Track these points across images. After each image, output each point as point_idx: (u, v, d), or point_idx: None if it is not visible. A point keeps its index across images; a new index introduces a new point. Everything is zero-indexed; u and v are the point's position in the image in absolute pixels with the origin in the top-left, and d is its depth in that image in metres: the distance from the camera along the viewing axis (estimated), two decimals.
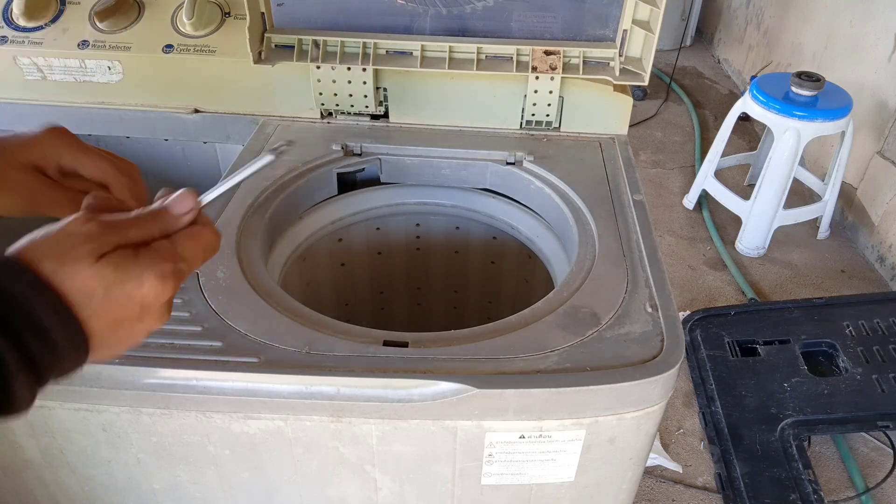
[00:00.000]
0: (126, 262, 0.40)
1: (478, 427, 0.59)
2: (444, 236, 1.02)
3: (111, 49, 0.95)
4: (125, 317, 0.41)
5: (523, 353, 0.60)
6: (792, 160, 2.03)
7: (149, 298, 0.41)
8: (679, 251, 2.25)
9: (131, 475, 0.66)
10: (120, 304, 0.40)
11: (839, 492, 1.48)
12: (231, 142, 1.01)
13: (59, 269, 0.38)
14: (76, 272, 0.39)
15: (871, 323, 1.73)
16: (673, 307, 0.65)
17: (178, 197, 0.45)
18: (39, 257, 0.38)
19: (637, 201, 0.82)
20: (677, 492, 1.48)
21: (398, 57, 0.91)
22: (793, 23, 2.89)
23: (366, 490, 0.65)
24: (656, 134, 2.99)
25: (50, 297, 0.38)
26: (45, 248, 0.39)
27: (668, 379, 0.59)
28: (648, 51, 0.88)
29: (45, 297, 0.38)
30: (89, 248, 0.40)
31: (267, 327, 0.62)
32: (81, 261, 0.39)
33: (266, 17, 0.90)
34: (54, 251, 0.39)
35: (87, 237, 0.40)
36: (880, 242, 2.16)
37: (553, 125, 0.97)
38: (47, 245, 0.39)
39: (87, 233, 0.40)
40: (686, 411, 1.67)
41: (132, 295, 0.40)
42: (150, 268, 0.41)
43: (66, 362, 0.39)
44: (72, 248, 0.39)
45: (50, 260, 0.38)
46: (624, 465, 0.65)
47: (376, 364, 0.58)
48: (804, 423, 1.52)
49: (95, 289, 0.39)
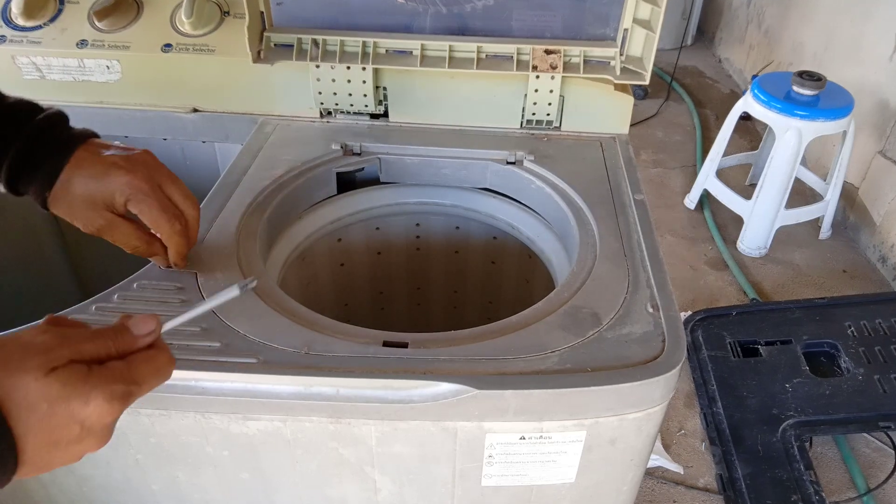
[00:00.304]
0: (75, 379, 0.39)
1: (478, 428, 0.59)
2: (444, 236, 1.01)
3: (110, 48, 0.95)
4: (64, 437, 0.39)
5: (524, 353, 0.59)
6: (793, 160, 2.02)
7: (92, 419, 0.40)
8: (680, 251, 2.24)
9: (130, 476, 0.66)
10: (61, 422, 0.39)
11: (841, 493, 1.48)
12: (230, 141, 1.01)
13: (5, 380, 0.37)
14: (21, 385, 0.37)
15: (872, 323, 1.72)
16: (674, 307, 0.65)
17: (141, 319, 0.44)
18: None
19: (638, 201, 0.81)
20: (678, 493, 1.48)
21: (398, 56, 0.91)
22: (794, 22, 2.89)
23: (365, 491, 0.65)
24: (657, 133, 2.98)
25: None
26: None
27: (670, 380, 0.58)
28: (649, 50, 0.88)
29: None
30: (40, 360, 0.38)
31: (266, 328, 0.61)
32: (29, 373, 0.38)
33: (265, 16, 0.90)
34: (3, 361, 0.38)
35: (39, 349, 0.39)
36: (882, 242, 2.16)
37: (553, 124, 0.96)
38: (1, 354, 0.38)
39: (41, 344, 0.39)
40: (687, 412, 1.66)
41: (75, 413, 0.39)
42: (100, 387, 0.40)
43: None
44: (22, 358, 0.38)
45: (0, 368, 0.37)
46: (625, 466, 0.65)
47: (376, 365, 0.58)
48: (806, 423, 1.51)
49: (38, 403, 0.38)
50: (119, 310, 0.63)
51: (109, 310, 0.63)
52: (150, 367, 0.43)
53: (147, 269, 0.68)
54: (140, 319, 0.45)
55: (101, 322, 0.61)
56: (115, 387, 0.40)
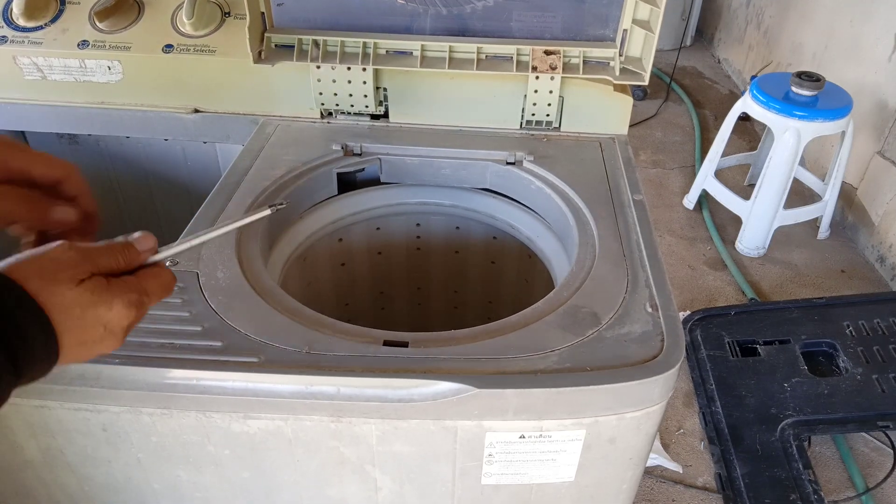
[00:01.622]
0: (100, 289, 0.46)
1: (478, 427, 0.59)
2: (444, 236, 1.02)
3: (111, 49, 0.95)
4: (90, 337, 0.46)
5: (523, 352, 0.60)
6: (792, 160, 2.03)
7: (113, 322, 0.47)
8: (679, 251, 2.25)
9: (131, 475, 0.66)
10: (90, 323, 0.46)
11: (839, 492, 1.48)
12: (231, 142, 1.01)
13: (45, 289, 0.44)
14: (59, 293, 0.44)
15: (871, 323, 1.73)
16: (673, 307, 0.65)
17: (142, 237, 0.52)
18: (26, 276, 0.44)
19: (637, 201, 0.82)
20: (677, 492, 1.48)
21: (398, 57, 0.91)
22: (793, 23, 2.89)
23: (366, 490, 0.65)
24: (656, 134, 2.99)
25: (35, 312, 0.43)
26: (32, 269, 0.44)
27: (669, 379, 0.59)
28: (648, 51, 0.88)
29: (30, 312, 0.43)
30: (71, 273, 0.45)
31: (267, 327, 0.62)
32: (63, 283, 0.45)
33: (266, 17, 0.90)
34: (40, 273, 0.44)
35: (69, 263, 0.46)
36: (880, 242, 2.16)
37: (553, 125, 0.96)
38: (34, 267, 0.45)
39: (69, 259, 0.46)
40: (686, 411, 1.67)
41: (101, 316, 0.46)
42: (120, 295, 0.47)
43: (38, 369, 0.44)
44: (56, 271, 0.45)
45: (36, 279, 0.44)
46: (624, 465, 0.65)
47: (376, 364, 0.58)
48: (804, 423, 1.52)
49: (72, 308, 0.45)
50: None
51: None
52: (157, 281, 0.51)
53: None
54: (141, 237, 0.52)
55: None
56: (131, 295, 0.48)
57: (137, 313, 0.49)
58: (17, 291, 0.43)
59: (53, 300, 0.44)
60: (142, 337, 0.60)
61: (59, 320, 0.44)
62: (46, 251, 0.46)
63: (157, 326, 0.61)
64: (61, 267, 0.46)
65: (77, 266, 0.46)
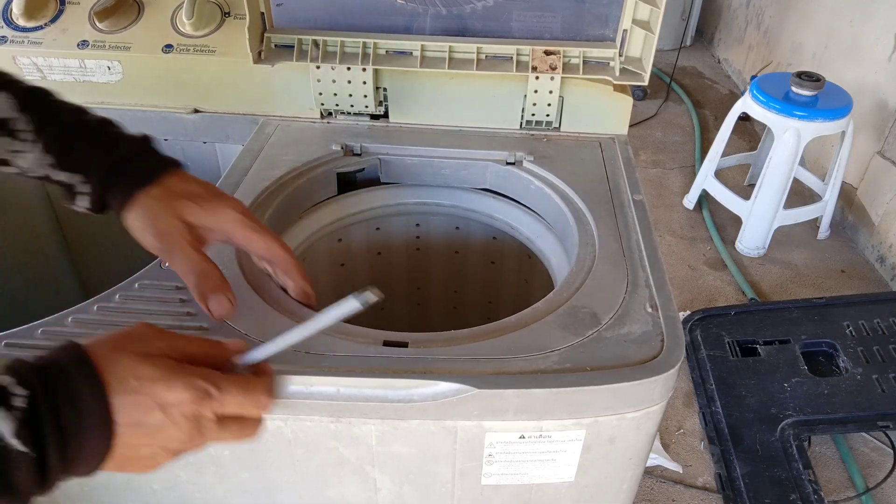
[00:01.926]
0: (164, 366, 0.43)
1: (478, 427, 0.59)
2: (443, 236, 1.02)
3: (111, 49, 0.95)
4: (146, 419, 0.42)
5: (523, 353, 0.60)
6: (792, 160, 2.03)
7: (172, 407, 0.43)
8: (679, 251, 2.25)
9: (130, 475, 0.66)
10: (146, 402, 0.42)
11: (839, 492, 1.48)
12: (231, 142, 1.01)
13: (106, 356, 0.42)
14: (118, 360, 0.42)
15: (871, 323, 1.73)
16: (673, 307, 0.65)
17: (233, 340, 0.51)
18: (94, 345, 0.43)
19: (637, 201, 0.82)
20: (677, 492, 1.48)
21: (398, 57, 0.91)
22: (793, 23, 2.89)
23: (366, 490, 0.65)
24: (656, 134, 2.99)
25: (90, 374, 0.41)
26: (102, 340, 0.44)
27: (669, 379, 0.59)
28: (648, 51, 0.88)
29: (85, 374, 0.41)
30: (139, 345, 0.44)
31: (266, 327, 0.62)
32: (127, 353, 0.43)
33: (266, 17, 0.90)
34: (109, 343, 0.44)
35: (139, 337, 0.45)
36: (880, 242, 2.16)
37: (553, 125, 0.97)
38: (106, 338, 0.44)
39: (140, 333, 0.45)
40: (686, 411, 1.67)
41: (157, 395, 0.42)
42: (183, 377, 0.43)
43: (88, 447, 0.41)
44: (124, 341, 0.44)
45: (103, 346, 0.43)
46: (624, 465, 0.65)
47: (376, 364, 0.58)
48: (804, 423, 1.52)
49: (128, 379, 0.42)
50: (121, 310, 0.63)
51: (111, 309, 0.63)
52: (237, 380, 0.46)
53: (148, 268, 0.69)
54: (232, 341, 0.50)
55: (104, 321, 0.62)
56: (196, 381, 0.44)
57: (203, 406, 0.44)
58: (78, 352, 0.42)
59: (111, 367, 0.42)
60: None
61: (114, 388, 0.41)
62: (127, 328, 0.46)
63: (157, 326, 0.61)
64: (131, 339, 0.45)
65: (147, 340, 0.45)
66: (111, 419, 0.41)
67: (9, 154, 0.53)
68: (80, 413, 0.40)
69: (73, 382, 0.40)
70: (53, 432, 0.39)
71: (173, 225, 0.55)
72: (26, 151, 0.53)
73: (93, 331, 0.60)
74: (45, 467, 0.39)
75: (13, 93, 0.54)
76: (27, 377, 0.39)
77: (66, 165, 0.55)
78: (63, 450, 0.39)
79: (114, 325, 0.61)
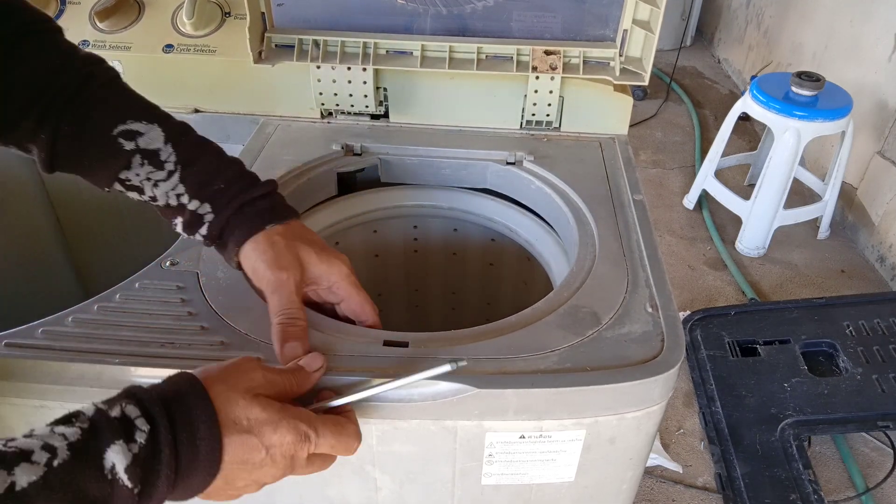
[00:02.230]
0: (271, 408, 0.47)
1: (478, 427, 0.59)
2: (442, 238, 1.02)
3: (111, 49, 0.95)
4: (251, 457, 0.46)
5: (523, 352, 0.60)
6: (792, 160, 2.03)
7: (276, 447, 0.46)
8: (679, 251, 2.25)
9: None
10: (252, 442, 0.46)
11: (839, 492, 1.48)
12: (231, 142, 1.01)
13: (223, 393, 0.45)
14: (233, 399, 0.46)
15: (871, 323, 1.73)
16: (673, 307, 0.65)
17: (310, 357, 0.54)
18: (212, 380, 0.46)
19: (637, 201, 0.82)
20: (677, 492, 1.48)
21: (398, 57, 0.91)
22: (793, 23, 2.89)
23: (366, 490, 0.65)
24: (656, 134, 2.99)
25: (209, 412, 0.44)
26: (218, 374, 0.47)
27: (669, 379, 0.59)
28: (648, 51, 0.88)
29: (206, 412, 0.44)
30: (247, 383, 0.47)
31: (267, 327, 0.62)
32: (241, 393, 0.46)
33: (266, 17, 0.90)
34: (224, 378, 0.47)
35: (251, 376, 0.48)
36: (880, 242, 2.16)
37: (553, 125, 0.97)
38: (220, 373, 0.47)
39: (246, 368, 0.48)
40: (686, 411, 1.67)
41: (265, 437, 0.46)
42: (288, 420, 0.47)
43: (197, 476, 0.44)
44: (235, 379, 0.47)
45: (220, 384, 0.46)
46: (624, 465, 0.65)
47: (376, 364, 0.58)
48: (804, 423, 1.52)
49: (241, 419, 0.45)
50: (121, 309, 0.63)
51: (111, 309, 0.63)
52: (332, 424, 0.51)
53: (149, 268, 0.69)
54: (309, 359, 0.54)
55: (104, 321, 0.62)
56: (299, 424, 0.48)
57: (301, 448, 0.48)
58: (199, 389, 0.45)
59: (227, 407, 0.45)
60: (142, 336, 0.60)
61: (227, 426, 0.45)
62: (234, 362, 0.49)
63: (157, 325, 0.61)
64: (239, 374, 0.47)
65: (252, 376, 0.48)
66: (221, 458, 0.44)
67: (146, 182, 0.57)
68: (197, 452, 0.43)
69: (195, 422, 0.43)
70: (168, 472, 0.41)
71: (292, 263, 0.59)
72: (163, 181, 0.57)
73: (93, 330, 0.60)
74: (144, 499, 0.41)
75: (164, 127, 0.58)
76: (151, 411, 0.42)
77: (199, 196, 0.58)
78: (170, 486, 0.42)
79: (114, 324, 0.61)
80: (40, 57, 0.54)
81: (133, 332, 0.61)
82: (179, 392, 0.44)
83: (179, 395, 0.44)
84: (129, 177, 0.57)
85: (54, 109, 0.54)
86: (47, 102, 0.54)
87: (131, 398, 0.43)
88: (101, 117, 0.56)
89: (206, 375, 0.46)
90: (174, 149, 0.57)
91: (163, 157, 0.57)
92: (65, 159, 0.56)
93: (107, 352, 0.58)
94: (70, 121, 0.55)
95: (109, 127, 0.56)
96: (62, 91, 0.55)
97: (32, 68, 0.54)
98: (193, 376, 0.46)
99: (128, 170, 0.56)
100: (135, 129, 0.56)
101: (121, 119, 0.56)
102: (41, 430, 0.40)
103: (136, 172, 0.57)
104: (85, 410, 0.42)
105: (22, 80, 0.53)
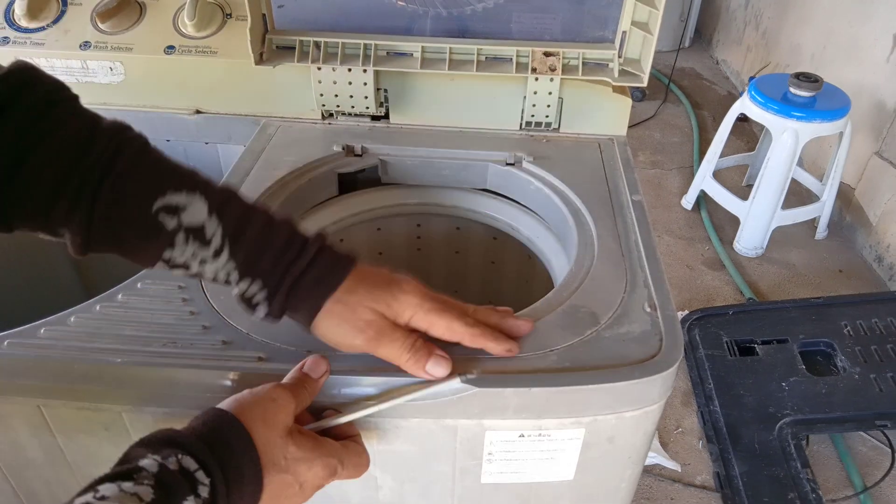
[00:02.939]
0: (307, 447, 0.49)
1: (478, 426, 0.59)
2: (444, 236, 1.02)
3: (113, 50, 0.95)
4: (284, 492, 0.48)
5: (523, 352, 0.60)
6: (790, 161, 2.03)
7: (308, 482, 0.49)
8: (677, 251, 2.25)
9: None
10: (288, 479, 0.48)
11: (837, 490, 1.49)
12: (232, 142, 1.01)
13: (263, 436, 0.46)
14: (274, 442, 0.47)
15: (868, 322, 1.73)
16: (671, 307, 0.66)
17: (312, 361, 0.55)
18: (253, 422, 0.47)
19: (636, 202, 0.82)
20: (676, 490, 1.49)
21: (398, 58, 0.91)
22: (791, 24, 2.90)
23: (367, 489, 0.66)
24: (655, 135, 2.99)
25: (255, 462, 0.46)
26: (257, 413, 0.48)
27: (667, 378, 0.59)
28: (647, 52, 0.88)
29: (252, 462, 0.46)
30: (282, 416, 0.49)
31: (268, 326, 0.62)
32: (277, 432, 0.48)
33: (267, 19, 0.90)
34: (264, 418, 0.47)
35: (284, 408, 0.49)
36: (878, 242, 2.17)
37: (552, 126, 0.97)
38: (259, 410, 0.48)
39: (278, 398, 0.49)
40: (684, 410, 1.67)
41: (300, 474, 0.48)
42: (323, 458, 0.50)
43: None
44: (273, 415, 0.48)
45: (261, 426, 0.47)
46: (623, 463, 0.66)
47: (377, 363, 0.59)
48: (802, 422, 1.52)
49: (280, 460, 0.47)
50: (123, 309, 0.64)
51: (114, 309, 0.63)
52: (354, 455, 0.54)
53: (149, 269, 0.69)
54: (312, 363, 0.55)
55: (105, 320, 0.62)
56: (331, 460, 0.50)
57: (329, 479, 0.51)
58: (242, 433, 0.46)
59: (268, 450, 0.46)
60: (144, 336, 0.60)
61: (268, 467, 0.46)
62: (268, 394, 0.49)
63: (159, 325, 0.62)
64: (280, 414, 0.49)
65: (290, 413, 0.49)
66: (260, 497, 0.46)
67: (192, 259, 0.51)
68: (242, 496, 0.45)
69: (242, 468, 0.45)
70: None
71: (366, 319, 0.56)
72: (209, 261, 0.51)
73: (96, 330, 0.61)
74: None
75: (206, 196, 0.52)
76: (207, 463, 0.43)
77: (250, 273, 0.53)
78: None
79: (116, 324, 0.61)
80: (67, 127, 0.48)
81: (135, 331, 0.61)
82: (222, 436, 0.45)
83: (223, 440, 0.45)
84: (173, 256, 0.51)
85: (88, 188, 0.48)
86: (80, 181, 0.48)
87: (178, 447, 0.43)
88: (137, 191, 0.49)
89: (241, 412, 0.46)
90: (220, 220, 0.52)
91: (209, 232, 0.51)
92: (102, 241, 0.50)
93: (109, 351, 0.58)
94: (106, 200, 0.48)
95: (149, 203, 0.49)
96: (94, 166, 0.48)
97: (62, 140, 0.48)
98: (234, 417, 0.46)
99: (171, 248, 0.51)
100: (176, 202, 0.50)
101: (160, 191, 0.50)
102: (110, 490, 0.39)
103: (181, 251, 0.51)
104: (146, 466, 0.41)
105: (50, 156, 0.47)
